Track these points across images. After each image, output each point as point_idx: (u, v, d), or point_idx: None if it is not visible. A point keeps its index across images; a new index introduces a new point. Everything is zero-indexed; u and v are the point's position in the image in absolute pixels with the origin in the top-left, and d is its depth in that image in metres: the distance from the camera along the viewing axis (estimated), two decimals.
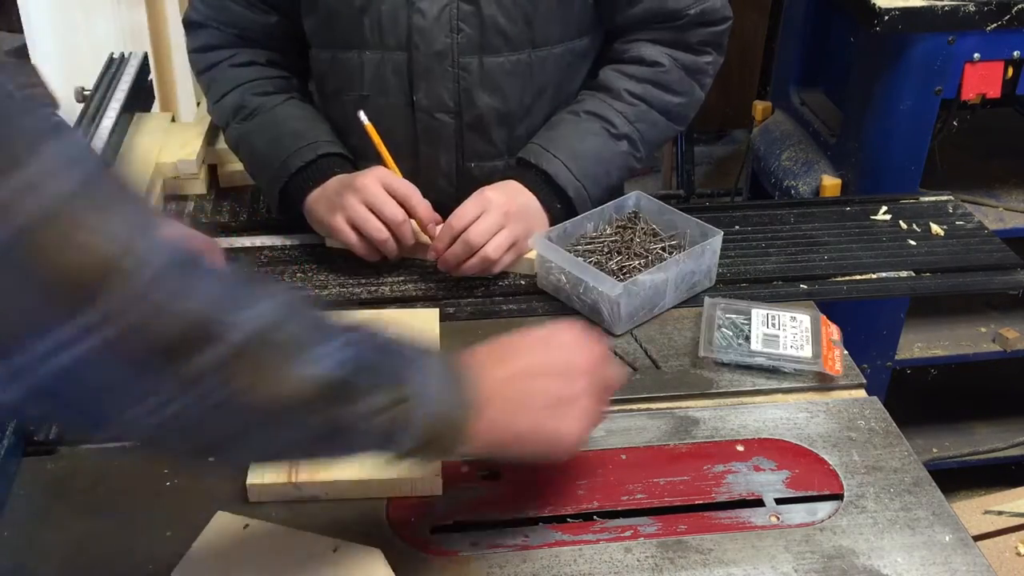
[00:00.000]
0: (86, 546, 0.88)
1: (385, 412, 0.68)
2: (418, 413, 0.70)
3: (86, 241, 0.53)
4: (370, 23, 1.25)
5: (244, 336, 0.59)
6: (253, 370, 0.60)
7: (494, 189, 1.25)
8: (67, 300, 0.53)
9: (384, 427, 0.68)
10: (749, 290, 1.25)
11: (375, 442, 0.70)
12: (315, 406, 0.64)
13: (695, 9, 1.30)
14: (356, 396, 0.66)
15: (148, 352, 0.56)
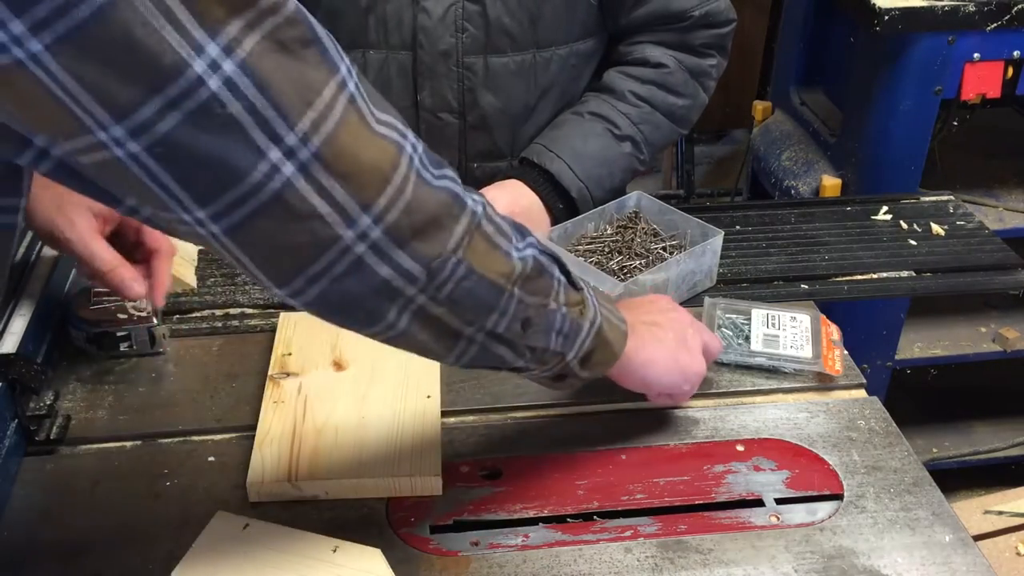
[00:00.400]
0: (86, 546, 0.88)
1: (570, 306, 0.79)
2: (592, 315, 0.82)
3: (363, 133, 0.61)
4: (375, 22, 1.25)
5: (476, 215, 0.69)
6: (482, 245, 0.70)
7: (498, 189, 1.25)
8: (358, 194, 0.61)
9: (571, 319, 0.79)
10: (750, 290, 1.25)
11: (568, 331, 0.79)
12: (526, 283, 0.74)
13: (700, 11, 1.30)
14: (550, 284, 0.77)
15: (415, 230, 0.65)
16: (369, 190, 0.61)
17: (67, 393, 1.05)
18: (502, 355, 0.77)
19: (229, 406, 1.04)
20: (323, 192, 0.60)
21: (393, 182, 0.62)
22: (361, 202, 0.61)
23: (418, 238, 0.65)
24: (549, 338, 0.78)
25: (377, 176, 0.62)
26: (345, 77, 0.61)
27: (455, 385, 1.07)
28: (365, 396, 1.02)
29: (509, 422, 1.03)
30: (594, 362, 0.84)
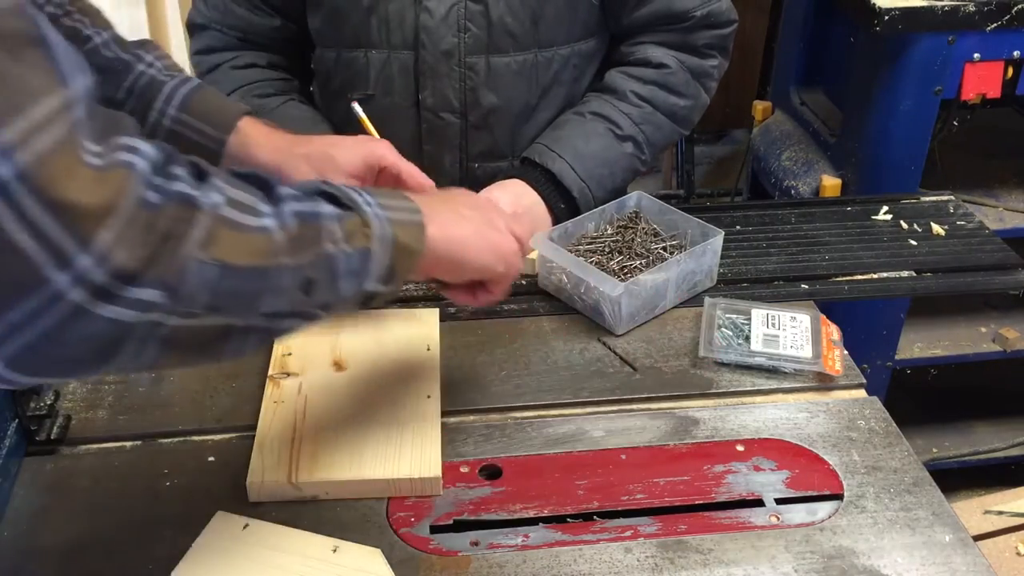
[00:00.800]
0: (86, 546, 0.88)
1: (351, 237, 0.72)
2: (379, 231, 0.75)
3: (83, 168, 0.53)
4: (377, 22, 1.25)
5: (214, 209, 0.62)
6: (228, 236, 0.62)
7: (500, 188, 1.25)
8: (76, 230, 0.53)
9: (356, 252, 0.73)
10: (750, 290, 1.25)
11: (357, 267, 0.73)
12: (293, 247, 0.67)
13: (702, 11, 1.30)
14: (320, 228, 0.70)
15: (150, 257, 0.57)
16: (90, 224, 0.53)
17: (67, 393, 1.05)
18: (291, 326, 0.71)
19: (229, 406, 1.04)
20: (27, 222, 0.51)
21: (119, 212, 0.55)
22: (79, 239, 0.53)
23: (151, 264, 0.57)
24: (338, 287, 0.72)
25: (99, 207, 0.53)
26: (76, 98, 0.54)
27: (455, 385, 1.07)
28: (365, 396, 1.02)
29: (509, 422, 1.03)
30: (398, 272, 0.78)
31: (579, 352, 1.13)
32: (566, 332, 1.16)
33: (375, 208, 0.76)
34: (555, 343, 1.14)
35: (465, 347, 1.13)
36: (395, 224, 0.77)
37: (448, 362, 1.10)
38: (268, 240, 0.66)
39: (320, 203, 0.72)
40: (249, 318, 0.66)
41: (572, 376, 1.09)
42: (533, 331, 1.16)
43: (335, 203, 0.73)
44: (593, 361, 1.11)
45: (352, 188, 0.77)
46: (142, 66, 1.00)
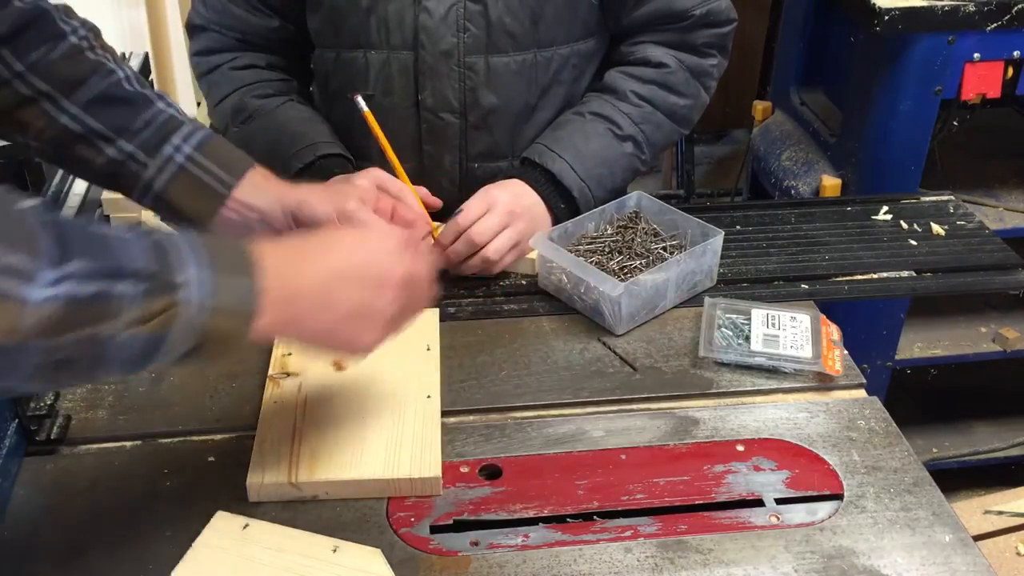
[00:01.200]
0: (86, 546, 0.88)
1: (146, 321, 0.67)
2: (190, 316, 0.69)
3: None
4: (376, 22, 1.25)
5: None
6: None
7: (500, 188, 1.25)
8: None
9: (148, 336, 0.68)
10: (750, 290, 1.25)
11: (138, 353, 0.69)
12: (53, 328, 0.62)
13: (701, 10, 1.30)
14: (105, 310, 0.65)
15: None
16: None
17: (67, 393, 1.05)
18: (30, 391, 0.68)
19: (229, 406, 1.04)
20: None
21: None
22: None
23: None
24: (95, 372, 0.68)
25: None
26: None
27: (455, 385, 1.07)
28: (365, 396, 1.02)
29: (509, 422, 1.03)
30: (203, 355, 0.73)
31: (579, 352, 1.13)
32: (566, 332, 1.16)
33: (200, 291, 0.70)
34: (555, 343, 1.14)
35: (465, 347, 1.13)
36: (216, 312, 0.71)
37: (448, 362, 1.10)
38: (18, 319, 0.60)
39: (117, 283, 0.66)
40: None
41: (572, 376, 1.09)
42: (533, 331, 1.16)
43: (147, 281, 0.67)
44: (593, 361, 1.11)
45: (195, 255, 0.71)
46: (162, 104, 1.04)
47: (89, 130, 1.00)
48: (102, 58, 1.03)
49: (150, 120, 1.02)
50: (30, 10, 0.98)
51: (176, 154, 1.02)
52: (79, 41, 1.01)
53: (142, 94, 1.03)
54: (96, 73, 1.01)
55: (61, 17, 1.01)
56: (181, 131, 1.03)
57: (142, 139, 1.01)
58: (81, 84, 1.00)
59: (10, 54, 0.97)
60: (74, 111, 1.00)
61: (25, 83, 0.98)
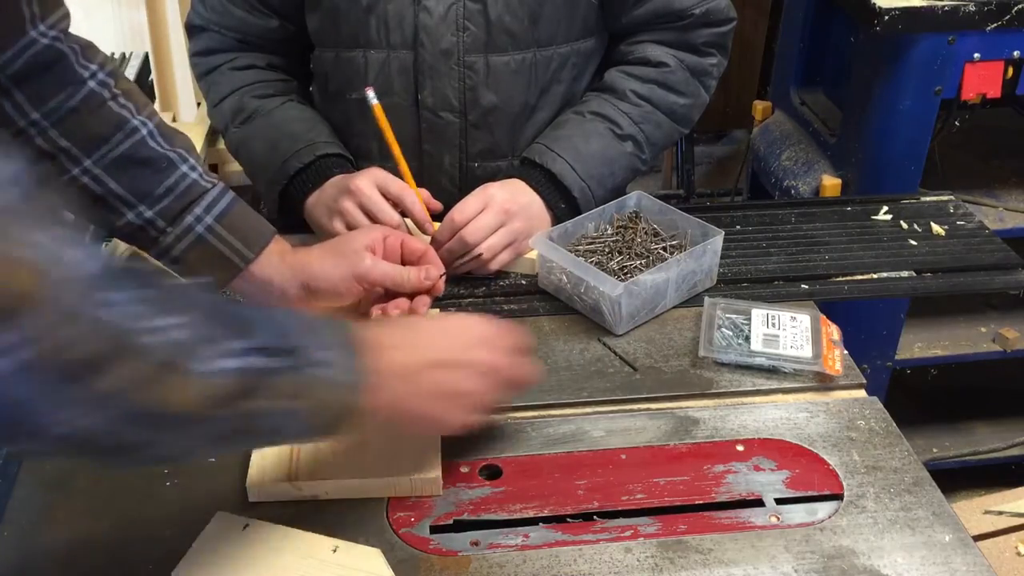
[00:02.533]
0: (86, 546, 0.88)
1: (287, 401, 0.71)
2: (318, 398, 0.73)
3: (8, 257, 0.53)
4: (376, 22, 1.25)
5: (155, 351, 0.61)
6: (164, 382, 0.62)
7: (498, 186, 1.25)
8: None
9: (284, 416, 0.72)
10: (750, 290, 1.25)
11: (274, 430, 0.73)
12: (219, 408, 0.66)
13: (700, 9, 1.30)
14: (258, 393, 0.68)
15: (64, 369, 0.56)
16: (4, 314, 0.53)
17: None
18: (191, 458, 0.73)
19: None
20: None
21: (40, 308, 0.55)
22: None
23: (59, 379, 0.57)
24: (272, 438, 0.77)
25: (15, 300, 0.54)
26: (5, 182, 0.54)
27: None
28: None
29: (509, 422, 1.03)
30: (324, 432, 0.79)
31: (579, 352, 1.13)
32: (566, 332, 1.16)
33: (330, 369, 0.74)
34: (555, 343, 1.14)
35: None
36: (343, 388, 0.75)
37: None
38: (206, 387, 0.64)
39: (282, 358, 0.70)
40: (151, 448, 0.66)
41: (572, 376, 1.09)
42: (533, 331, 1.16)
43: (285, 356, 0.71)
44: (593, 361, 1.11)
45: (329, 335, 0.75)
46: (185, 167, 1.03)
47: (109, 192, 0.99)
48: (124, 110, 1.00)
49: (173, 186, 1.01)
50: (46, 49, 0.95)
51: (197, 224, 1.02)
52: (99, 88, 0.99)
53: (166, 156, 1.01)
54: (119, 130, 0.99)
55: (79, 61, 0.98)
56: (204, 200, 1.02)
57: (163, 206, 1.01)
58: (104, 142, 0.98)
59: (25, 100, 0.95)
60: (96, 172, 0.98)
61: (43, 136, 0.96)
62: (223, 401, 0.66)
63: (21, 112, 0.95)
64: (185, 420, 0.65)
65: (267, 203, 1.40)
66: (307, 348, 0.73)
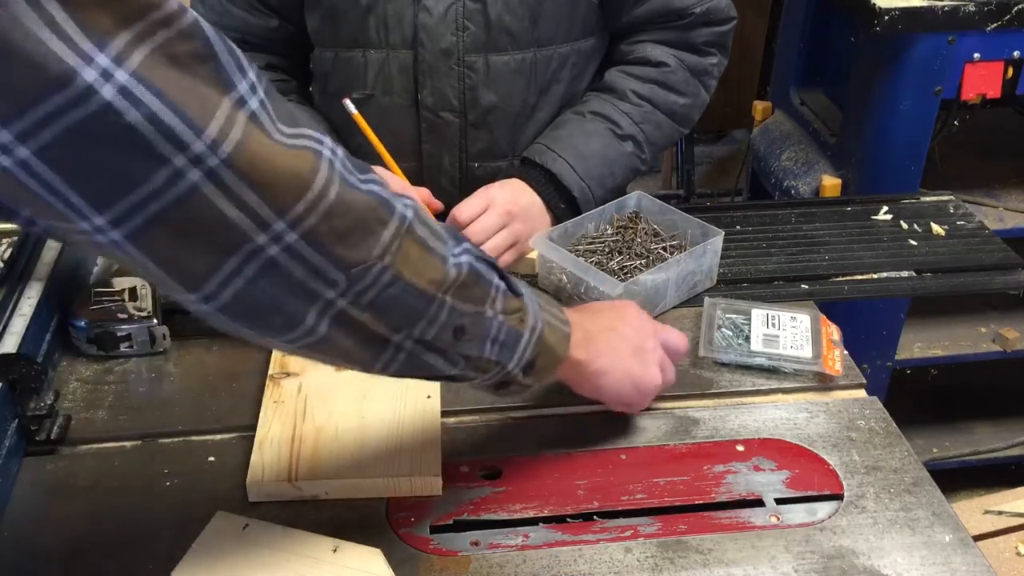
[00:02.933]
0: (86, 546, 0.88)
1: (508, 314, 0.78)
2: (532, 322, 0.80)
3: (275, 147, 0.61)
4: (375, 21, 1.25)
5: (405, 220, 0.68)
6: (413, 251, 0.69)
7: (499, 187, 1.25)
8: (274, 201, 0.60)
9: (508, 327, 0.78)
10: (750, 290, 1.25)
11: (502, 339, 0.78)
12: (459, 291, 0.73)
13: (700, 8, 1.30)
14: (486, 292, 0.76)
15: (337, 235, 0.64)
16: (286, 197, 0.61)
17: (67, 393, 1.05)
18: (433, 364, 0.75)
19: (229, 406, 1.04)
20: (234, 198, 0.59)
21: (314, 187, 0.62)
22: (277, 208, 0.60)
23: (340, 243, 0.64)
24: (484, 346, 0.77)
25: (295, 182, 0.61)
26: (244, 95, 0.60)
27: (455, 385, 1.07)
28: (365, 396, 1.02)
29: (509, 422, 1.03)
30: (537, 369, 0.83)
31: None
32: None
33: (535, 303, 0.82)
34: None
35: None
36: (547, 325, 0.82)
37: None
38: (443, 273, 0.71)
39: (493, 271, 0.77)
40: (402, 336, 0.71)
41: None
42: None
43: (505, 281, 0.79)
44: None
45: (516, 279, 0.81)
46: None
47: None
48: None
49: None
50: None
51: None
52: None
53: None
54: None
55: None
56: None
57: None
58: None
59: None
60: None
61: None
62: (462, 288, 0.73)
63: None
64: (429, 297, 0.70)
65: None
66: (520, 285, 0.81)
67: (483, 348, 0.77)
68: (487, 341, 0.77)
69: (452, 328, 0.73)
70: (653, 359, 0.95)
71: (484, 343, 0.77)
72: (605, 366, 0.91)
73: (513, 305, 0.78)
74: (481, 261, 0.76)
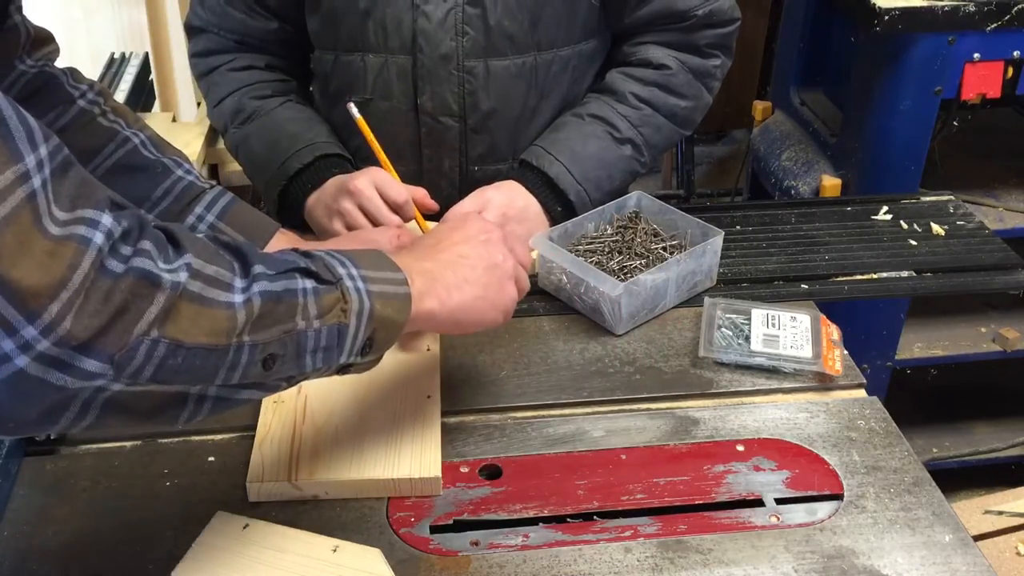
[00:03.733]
0: (86, 546, 0.88)
1: (325, 315, 0.73)
2: (358, 305, 0.75)
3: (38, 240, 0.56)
4: (374, 26, 1.25)
5: (178, 287, 0.63)
6: (188, 313, 0.63)
7: (494, 189, 1.25)
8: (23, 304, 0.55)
9: (328, 329, 0.73)
10: (750, 290, 1.25)
11: (324, 344, 0.74)
12: (257, 324, 0.68)
13: (703, 9, 1.30)
14: (293, 307, 0.71)
15: (96, 328, 0.58)
16: (38, 299, 0.55)
17: None
18: (250, 397, 0.72)
19: None
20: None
21: (70, 286, 0.57)
22: (26, 312, 0.55)
23: (100, 335, 0.59)
24: (303, 362, 0.73)
25: (49, 283, 0.56)
26: (31, 170, 0.56)
27: (455, 385, 1.07)
28: (365, 396, 1.02)
29: (509, 422, 1.03)
30: (378, 342, 0.79)
31: (579, 352, 1.13)
32: (566, 332, 1.16)
33: (358, 281, 0.77)
34: (555, 343, 1.14)
35: (465, 347, 1.13)
36: (377, 297, 0.77)
37: (448, 362, 1.10)
38: (230, 318, 0.66)
39: (296, 279, 0.72)
40: (199, 388, 0.67)
41: (572, 376, 1.09)
42: (533, 331, 1.16)
43: (314, 278, 0.74)
44: (593, 361, 1.11)
45: (337, 257, 0.77)
46: (180, 171, 1.04)
47: None
48: (115, 124, 1.01)
49: (170, 188, 1.01)
50: (37, 75, 0.97)
51: (199, 224, 1.02)
52: (89, 106, 1.00)
53: (160, 161, 1.02)
54: (111, 141, 1.00)
55: (69, 82, 1.00)
56: (203, 200, 1.02)
57: (163, 209, 1.01)
58: (96, 153, 0.99)
59: None
60: None
61: None
62: (259, 320, 0.68)
63: None
64: (219, 349, 0.66)
65: (267, 203, 1.39)
66: (328, 270, 0.75)
67: (303, 364, 0.73)
68: (305, 355, 0.73)
69: (260, 362, 0.69)
70: (506, 274, 0.91)
71: (303, 358, 0.73)
72: (459, 302, 0.86)
73: (329, 301, 0.74)
74: (277, 277, 0.71)
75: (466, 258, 0.88)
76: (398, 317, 0.80)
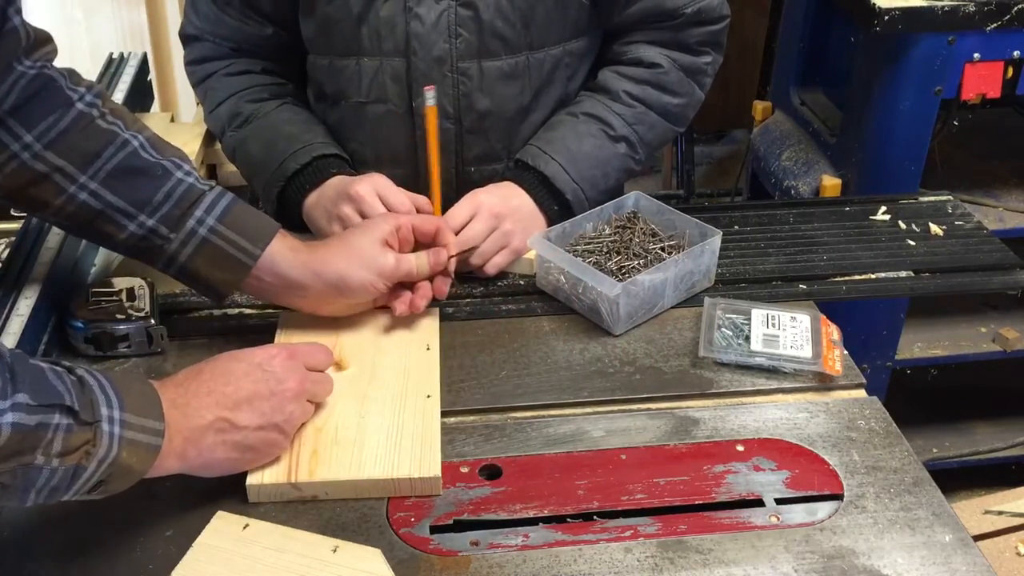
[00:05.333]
0: (86, 546, 0.88)
1: (68, 454, 0.75)
2: (103, 452, 0.77)
3: None
4: (368, 30, 1.25)
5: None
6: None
7: (488, 191, 1.25)
8: None
9: (65, 469, 0.76)
10: (748, 290, 1.25)
11: (54, 483, 0.76)
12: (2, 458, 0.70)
13: (692, 8, 1.30)
14: (37, 441, 0.73)
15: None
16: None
17: None
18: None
19: None
20: None
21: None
22: None
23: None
24: (26, 496, 0.75)
25: None
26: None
27: (455, 385, 1.07)
28: (365, 396, 1.02)
29: (509, 422, 1.03)
30: (110, 486, 0.81)
31: (579, 352, 1.13)
32: (566, 332, 1.16)
33: (115, 426, 0.78)
34: (555, 343, 1.14)
35: (465, 347, 1.13)
36: (127, 445, 0.79)
37: (448, 362, 1.10)
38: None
39: (54, 415, 0.74)
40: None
41: (572, 376, 1.09)
42: (533, 331, 1.16)
43: (73, 416, 0.75)
44: (593, 361, 1.11)
45: (108, 393, 0.79)
46: (180, 173, 1.03)
47: (108, 205, 1.00)
48: (113, 126, 1.01)
49: (170, 192, 1.02)
50: (36, 77, 0.98)
51: (199, 227, 1.02)
52: (88, 108, 1.00)
53: (160, 164, 1.02)
54: (110, 144, 1.00)
55: (68, 84, 1.01)
56: (203, 202, 1.03)
57: (163, 213, 1.01)
58: (96, 157, 0.99)
59: (17, 123, 0.97)
60: (92, 187, 0.99)
61: (36, 157, 0.98)
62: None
63: (14, 136, 0.97)
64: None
65: (265, 205, 1.39)
66: (91, 408, 0.77)
67: (25, 499, 0.75)
68: (31, 491, 0.75)
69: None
70: (285, 397, 0.92)
71: (28, 492, 0.75)
72: (206, 463, 0.88)
73: (78, 442, 0.75)
74: (39, 410, 0.73)
75: (231, 426, 0.88)
76: (139, 467, 0.82)
